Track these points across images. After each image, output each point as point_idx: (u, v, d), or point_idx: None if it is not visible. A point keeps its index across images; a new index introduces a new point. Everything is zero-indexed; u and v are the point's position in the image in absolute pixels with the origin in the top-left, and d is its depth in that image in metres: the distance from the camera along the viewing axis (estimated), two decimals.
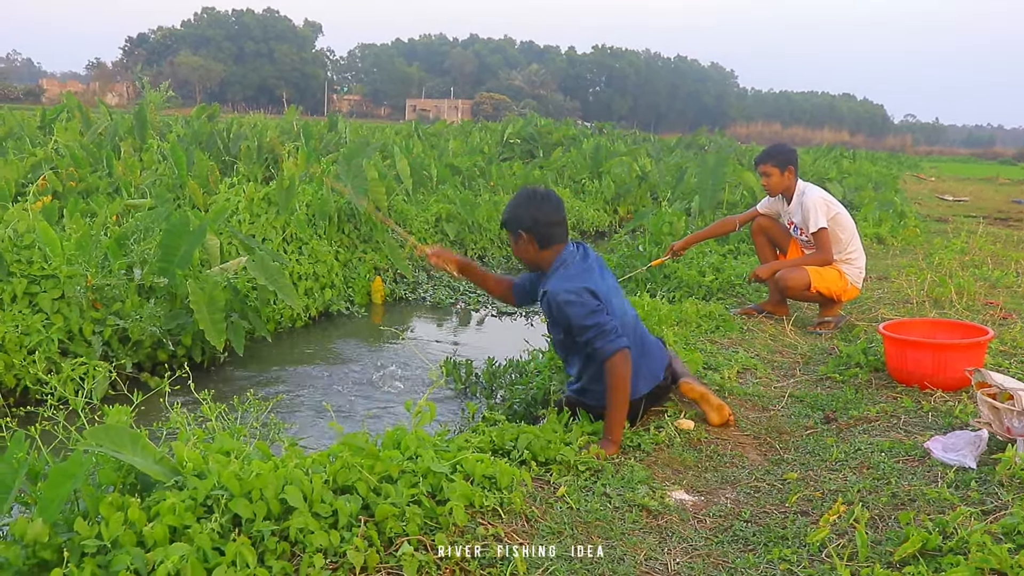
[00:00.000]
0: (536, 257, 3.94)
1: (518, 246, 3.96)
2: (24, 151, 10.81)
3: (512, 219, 3.92)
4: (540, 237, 3.88)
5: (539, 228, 3.86)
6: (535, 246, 3.90)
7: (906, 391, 4.48)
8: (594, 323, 3.71)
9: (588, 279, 3.82)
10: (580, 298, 3.72)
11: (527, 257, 3.98)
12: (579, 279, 3.80)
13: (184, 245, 6.12)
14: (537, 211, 3.87)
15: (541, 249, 3.91)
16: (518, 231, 3.90)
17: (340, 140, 15.14)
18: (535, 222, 3.86)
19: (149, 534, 2.37)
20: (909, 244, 10.69)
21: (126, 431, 2.62)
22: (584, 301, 3.72)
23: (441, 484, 2.85)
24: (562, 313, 3.77)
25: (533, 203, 3.90)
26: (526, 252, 3.95)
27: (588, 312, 3.72)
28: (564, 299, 3.74)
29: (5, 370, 5.18)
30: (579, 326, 3.74)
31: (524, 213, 3.88)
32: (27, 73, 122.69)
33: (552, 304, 3.81)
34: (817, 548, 2.80)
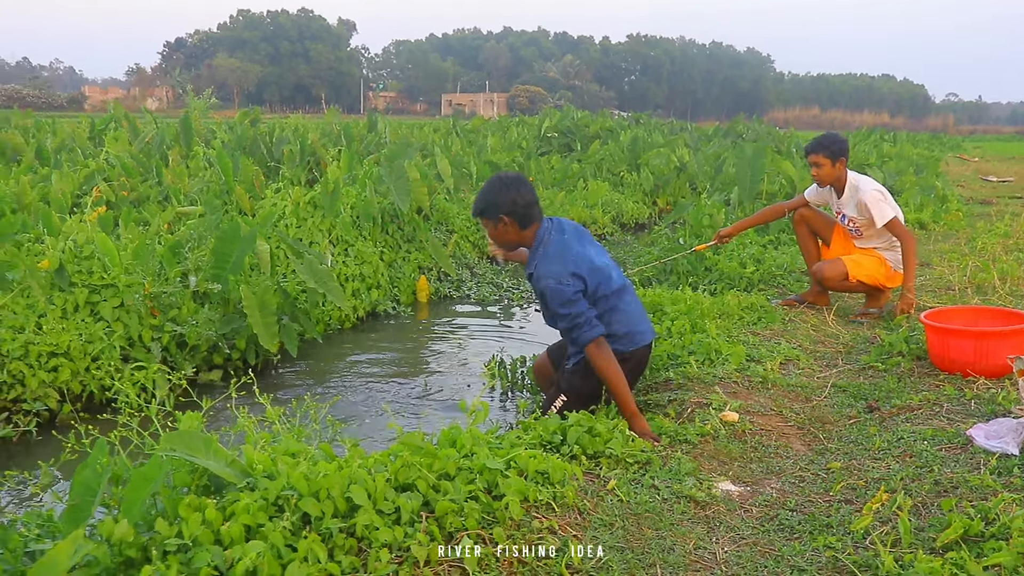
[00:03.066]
0: (518, 238, 4.15)
1: (498, 231, 4.13)
2: (77, 163, 11.12)
3: (491, 206, 4.08)
4: (520, 218, 4.07)
5: (519, 210, 4.05)
6: (516, 228, 4.09)
7: (948, 379, 4.54)
8: (567, 313, 3.95)
9: (570, 258, 4.02)
10: (560, 284, 3.95)
11: (508, 239, 4.17)
12: (561, 260, 4.01)
13: (236, 251, 6.31)
14: (515, 194, 4.05)
15: (523, 230, 4.11)
16: (499, 216, 4.06)
17: (381, 140, 15.34)
18: (515, 204, 4.04)
19: (226, 533, 2.52)
20: (951, 229, 10.65)
21: (199, 436, 2.78)
22: (563, 288, 3.94)
23: (496, 480, 2.98)
24: (544, 297, 4.04)
25: (510, 187, 4.08)
26: (506, 235, 4.13)
27: (564, 301, 3.94)
28: (544, 284, 3.99)
29: (72, 377, 5.38)
30: (556, 314, 4.01)
31: (503, 198, 4.05)
32: (69, 81, 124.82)
33: (536, 286, 4.08)
34: (861, 535, 2.90)
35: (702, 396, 4.37)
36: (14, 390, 5.17)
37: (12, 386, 5.17)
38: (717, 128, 24.61)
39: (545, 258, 4.04)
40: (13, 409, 5.14)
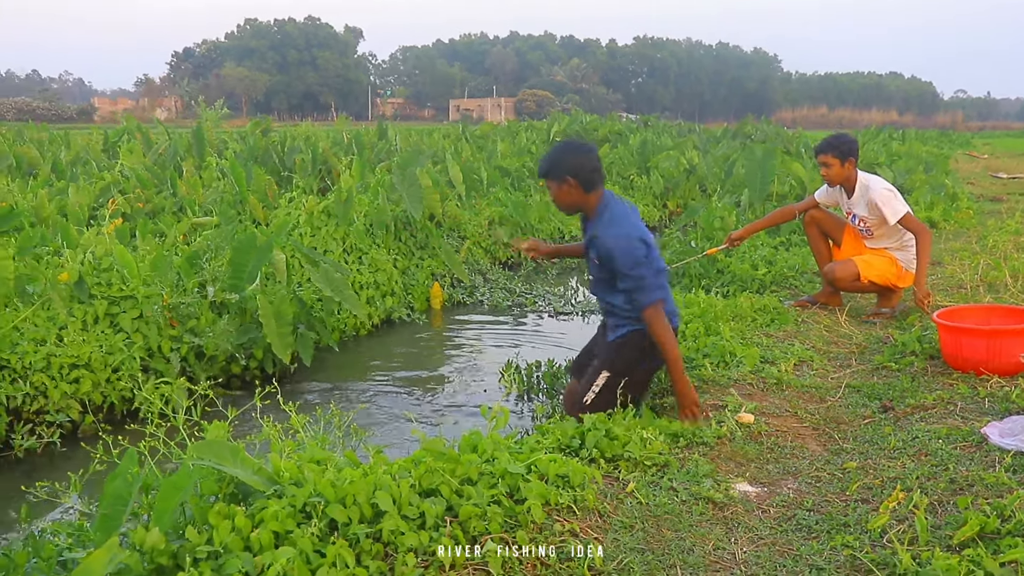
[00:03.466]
0: (581, 200, 4.23)
1: (561, 191, 4.21)
2: (92, 175, 11.23)
3: (556, 166, 4.18)
4: (585, 182, 4.17)
5: (584, 173, 4.16)
6: (580, 190, 4.18)
7: (962, 378, 4.57)
8: (637, 274, 4.06)
9: (635, 224, 4.16)
10: (630, 245, 4.07)
11: (570, 201, 4.25)
12: (628, 225, 4.13)
13: (252, 261, 6.38)
14: (583, 158, 4.18)
15: (586, 193, 4.20)
16: (564, 177, 4.16)
17: (391, 148, 15.43)
18: (581, 167, 4.15)
19: (256, 539, 2.58)
20: (962, 227, 10.66)
21: (226, 445, 2.84)
22: (633, 249, 4.06)
23: (518, 484, 3.03)
24: (612, 257, 4.10)
25: (577, 151, 4.23)
26: (569, 196, 4.22)
27: (634, 262, 4.06)
28: (614, 244, 4.08)
29: (93, 388, 5.45)
30: (623, 274, 4.09)
31: (570, 160, 4.17)
32: (79, 93, 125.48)
33: (602, 247, 4.14)
34: (878, 534, 2.94)
35: (717, 398, 4.42)
36: (37, 402, 5.24)
37: (35, 398, 5.24)
38: (726, 129, 24.63)
39: (612, 221, 4.15)
40: (36, 421, 5.22)
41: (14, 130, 19.10)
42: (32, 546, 2.98)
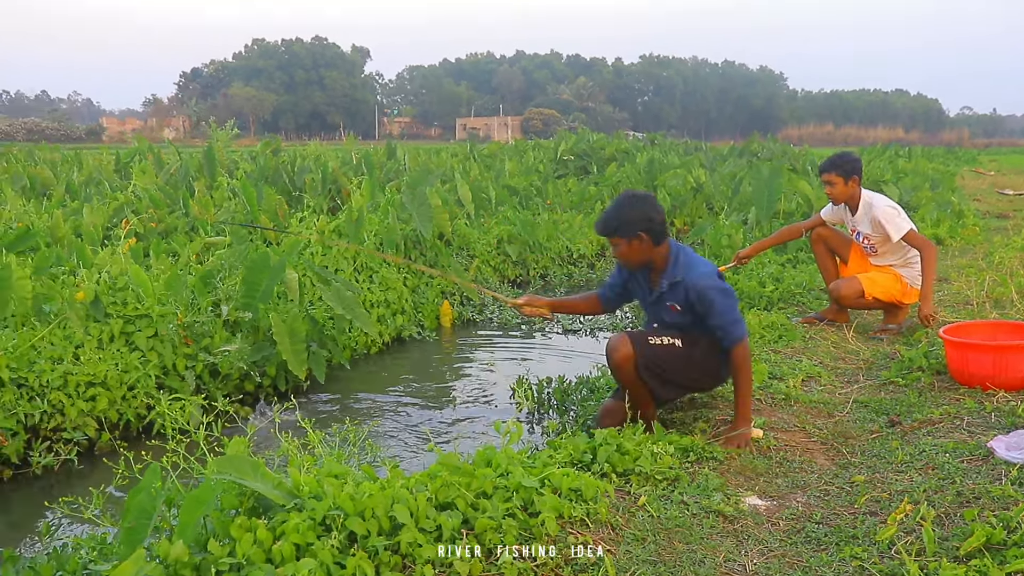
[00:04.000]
0: (651, 254, 4.16)
1: (632, 248, 4.12)
2: (105, 196, 11.36)
3: (627, 223, 4.08)
4: (656, 235, 4.10)
5: (655, 226, 4.09)
6: (651, 244, 4.12)
7: (968, 392, 4.63)
8: (728, 310, 4.08)
9: (708, 262, 4.20)
10: (722, 285, 4.09)
11: (639, 258, 4.18)
12: (705, 264, 4.17)
13: (265, 280, 6.45)
14: (652, 210, 4.10)
15: (656, 246, 4.13)
16: (636, 233, 4.07)
17: (400, 167, 15.54)
18: (652, 221, 4.08)
19: (277, 551, 2.65)
20: (968, 244, 10.72)
21: (247, 460, 2.91)
22: (725, 288, 4.09)
23: (532, 498, 3.09)
24: (704, 300, 4.05)
25: (645, 204, 4.12)
26: (639, 252, 4.14)
27: (729, 299, 4.09)
28: (708, 284, 4.06)
29: (109, 406, 5.52)
30: (721, 314, 4.06)
31: (639, 215, 4.07)
32: (87, 113, 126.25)
33: (692, 291, 4.07)
34: (886, 545, 2.99)
35: (727, 413, 4.47)
36: (54, 419, 5.31)
37: (52, 415, 5.31)
38: (732, 147, 24.72)
39: (691, 264, 4.14)
40: (54, 438, 5.28)
41: (25, 150, 19.26)
42: (56, 559, 3.06)
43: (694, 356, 4.20)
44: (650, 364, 4.14)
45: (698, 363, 4.21)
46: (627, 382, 4.21)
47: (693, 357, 4.20)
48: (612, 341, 4.21)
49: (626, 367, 4.15)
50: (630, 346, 4.14)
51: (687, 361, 4.19)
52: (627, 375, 4.17)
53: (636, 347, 4.14)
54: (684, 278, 4.09)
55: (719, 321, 4.08)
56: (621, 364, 4.15)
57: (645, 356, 4.13)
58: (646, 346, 4.15)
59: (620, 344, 4.16)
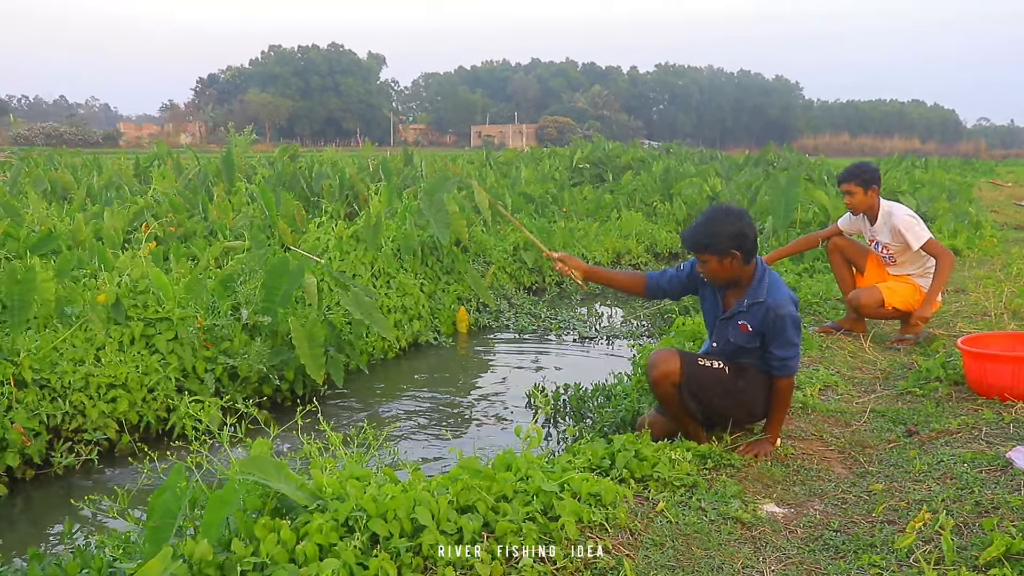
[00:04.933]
0: (740, 272, 4.01)
1: (723, 265, 3.97)
2: (125, 200, 11.46)
3: (720, 241, 3.90)
4: (747, 252, 3.94)
5: (748, 244, 3.93)
6: (741, 262, 3.96)
7: (986, 403, 4.62)
8: (795, 341, 4.00)
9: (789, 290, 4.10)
10: (798, 318, 4.01)
11: (728, 275, 4.02)
12: (785, 288, 4.05)
13: (284, 285, 6.50)
14: (746, 227, 3.93)
15: (746, 264, 3.98)
16: (729, 251, 3.91)
17: (416, 174, 15.61)
18: (745, 238, 3.91)
19: (300, 552, 2.68)
20: (986, 255, 10.70)
21: (271, 461, 2.94)
22: (800, 321, 4.03)
23: (552, 502, 3.12)
24: (778, 326, 3.95)
25: (740, 220, 3.95)
26: (729, 270, 3.98)
27: (798, 329, 4.01)
28: (786, 311, 3.95)
29: (129, 407, 5.57)
30: (787, 344, 3.98)
31: (733, 232, 3.90)
32: (104, 118, 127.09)
33: (771, 315, 3.94)
34: (905, 554, 3.00)
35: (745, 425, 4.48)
36: (75, 420, 5.36)
37: (74, 416, 5.36)
38: (748, 157, 24.71)
39: (775, 286, 3.99)
40: (75, 439, 5.33)
41: (45, 155, 19.43)
42: (81, 557, 3.10)
43: (737, 386, 4.11)
44: (692, 384, 4.05)
45: (737, 394, 4.12)
46: (662, 398, 4.14)
47: (736, 386, 4.11)
48: (658, 355, 4.11)
49: (664, 384, 4.06)
50: (677, 364, 4.03)
51: (728, 389, 4.10)
52: (664, 391, 4.09)
53: (684, 366, 4.03)
54: (767, 299, 3.95)
55: (782, 351, 3.98)
56: (659, 380, 4.06)
57: (689, 375, 4.03)
58: (694, 366, 4.07)
59: (664, 361, 4.07)
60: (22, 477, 5.03)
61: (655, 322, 9.00)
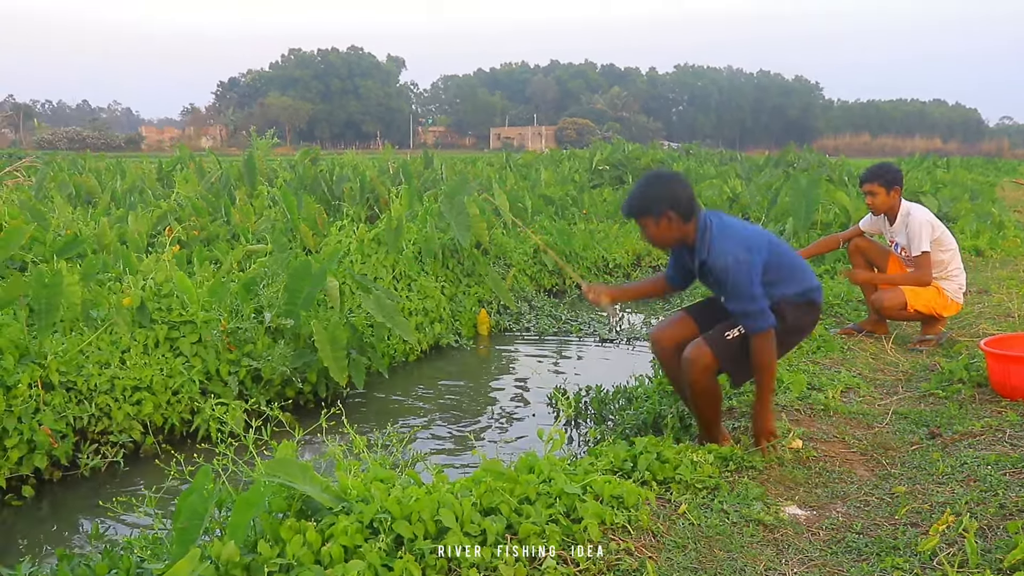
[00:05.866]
0: (681, 232, 4.01)
1: (659, 228, 3.99)
2: (149, 204, 11.57)
3: (654, 202, 3.96)
4: (684, 211, 3.95)
5: (683, 204, 3.94)
6: (680, 221, 3.97)
7: (1010, 405, 4.61)
8: (745, 292, 3.88)
9: (740, 236, 3.96)
10: (738, 261, 3.87)
11: (670, 236, 4.03)
12: (733, 239, 3.92)
13: (307, 288, 6.54)
14: (678, 187, 3.97)
15: (686, 223, 3.98)
16: (663, 212, 3.94)
17: (437, 177, 15.66)
18: (678, 198, 3.94)
19: (326, 553, 2.71)
20: (1009, 255, 10.63)
21: (296, 463, 2.97)
22: (740, 266, 3.87)
23: (575, 504, 3.14)
24: (722, 279, 3.91)
25: (671, 182, 4.01)
26: (668, 231, 4.00)
27: (743, 279, 3.87)
28: (724, 261, 3.87)
29: (154, 410, 5.63)
30: (737, 294, 3.90)
31: (665, 193, 3.95)
32: (127, 122, 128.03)
33: (716, 270, 3.92)
34: (928, 556, 3.00)
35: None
36: (101, 422, 5.42)
37: (99, 419, 5.42)
38: (768, 158, 24.63)
39: (718, 238, 3.94)
40: (101, 441, 5.40)
41: (68, 159, 19.61)
42: (109, 558, 3.14)
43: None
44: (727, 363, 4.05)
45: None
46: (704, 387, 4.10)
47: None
48: (690, 352, 4.06)
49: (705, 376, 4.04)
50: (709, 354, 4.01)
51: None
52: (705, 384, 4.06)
53: (715, 351, 4.01)
54: (708, 257, 3.95)
55: (734, 304, 3.95)
56: (699, 376, 4.04)
57: (721, 357, 4.01)
58: (723, 344, 4.02)
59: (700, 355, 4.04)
60: (49, 478, 5.10)
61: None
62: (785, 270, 4.07)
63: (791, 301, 4.08)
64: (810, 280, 4.16)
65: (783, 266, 4.06)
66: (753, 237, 4.00)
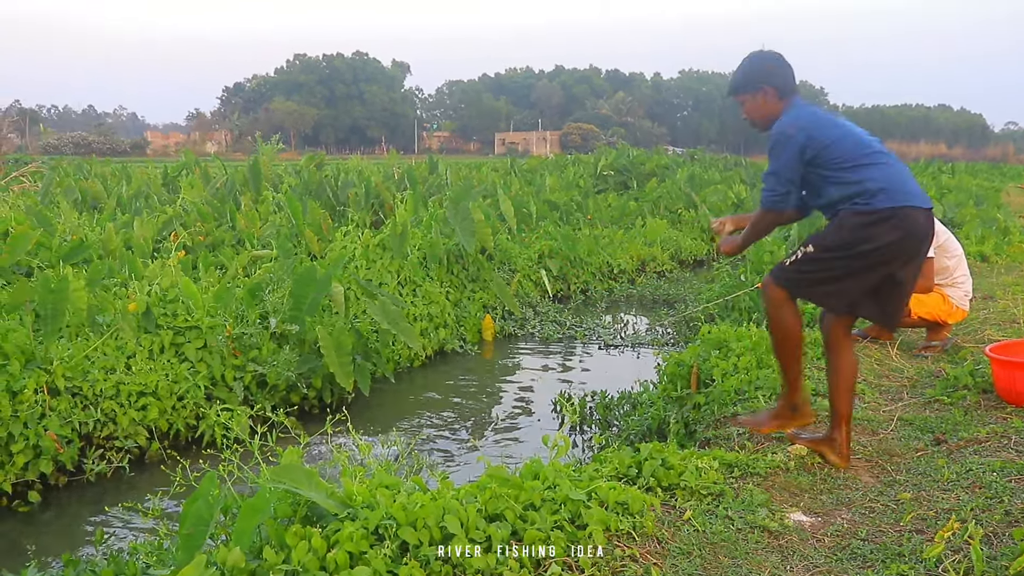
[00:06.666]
0: (775, 109, 3.96)
1: (756, 103, 3.99)
2: (154, 209, 11.60)
3: (752, 78, 3.98)
4: (780, 88, 3.94)
5: (778, 79, 3.94)
6: (776, 97, 3.95)
7: (1016, 412, 4.59)
8: (771, 162, 3.84)
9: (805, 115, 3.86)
10: (780, 131, 3.82)
11: (765, 113, 4.00)
12: (795, 116, 3.86)
13: (312, 293, 6.56)
14: (775, 65, 3.98)
15: (781, 99, 3.95)
16: (760, 86, 3.95)
17: (442, 182, 15.69)
18: (773, 73, 3.95)
19: (331, 559, 2.71)
20: (1014, 261, 10.60)
21: (302, 469, 2.98)
22: (778, 136, 3.81)
23: (579, 510, 3.14)
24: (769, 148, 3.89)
25: (769, 59, 4.01)
26: (764, 108, 3.98)
27: (773, 146, 3.83)
28: (776, 132, 3.84)
29: (159, 415, 5.64)
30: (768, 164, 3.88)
31: (762, 68, 3.97)
32: (132, 127, 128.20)
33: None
34: (933, 564, 2.99)
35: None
36: (107, 428, 5.44)
37: (105, 424, 5.44)
38: None
39: (784, 114, 3.91)
40: (107, 446, 5.41)
41: (74, 164, 19.66)
42: (115, 563, 3.15)
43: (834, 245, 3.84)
44: (795, 290, 3.94)
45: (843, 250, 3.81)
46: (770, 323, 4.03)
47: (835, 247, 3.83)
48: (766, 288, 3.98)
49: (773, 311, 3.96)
50: (770, 282, 3.94)
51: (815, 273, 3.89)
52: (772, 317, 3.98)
53: (776, 278, 3.92)
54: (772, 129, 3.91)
55: (764, 174, 3.90)
56: (769, 312, 3.98)
57: (786, 281, 3.91)
58: (783, 269, 3.92)
59: (765, 284, 3.99)
60: (55, 484, 5.12)
61: (680, 330, 9.00)
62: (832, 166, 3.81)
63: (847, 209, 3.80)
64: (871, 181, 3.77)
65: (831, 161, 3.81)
66: (811, 119, 3.86)
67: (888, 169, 3.81)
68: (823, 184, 3.85)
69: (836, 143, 3.79)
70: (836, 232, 3.81)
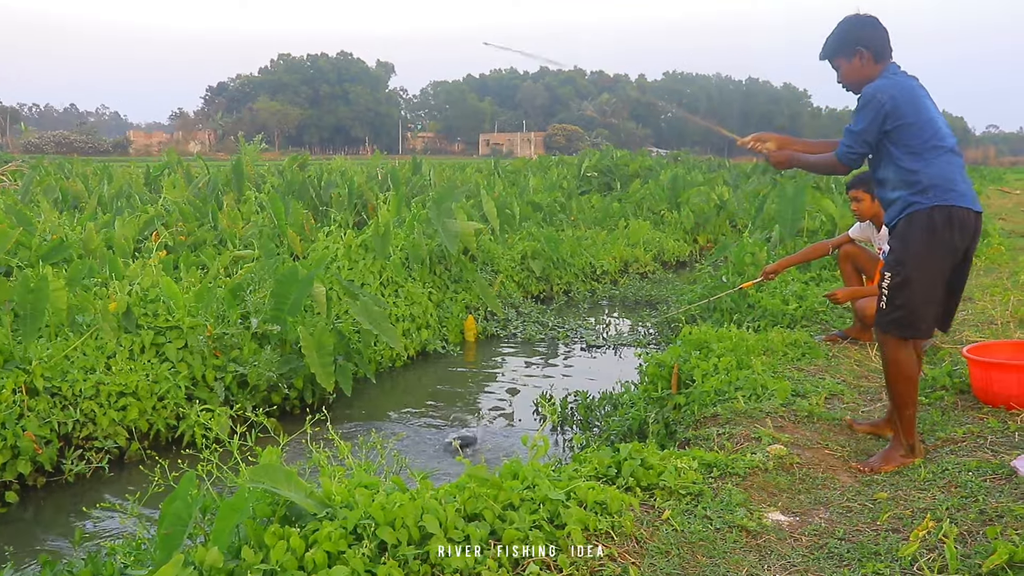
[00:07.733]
0: (872, 72, 3.95)
1: (852, 67, 3.98)
2: (136, 208, 11.55)
3: (848, 40, 3.96)
4: (876, 51, 3.93)
5: (874, 42, 3.92)
6: (872, 61, 3.94)
7: (992, 412, 4.62)
8: (855, 118, 3.89)
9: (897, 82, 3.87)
10: (870, 91, 3.83)
11: (862, 76, 3.98)
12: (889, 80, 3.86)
13: (294, 293, 6.55)
14: (872, 26, 3.95)
15: (877, 63, 3.95)
16: (856, 49, 3.93)
17: (425, 183, 15.68)
18: (871, 37, 3.93)
19: (310, 559, 2.71)
20: (993, 263, 10.66)
21: (281, 469, 2.97)
22: (865, 97, 3.84)
23: (558, 510, 3.15)
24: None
25: (865, 21, 3.98)
26: (860, 72, 3.96)
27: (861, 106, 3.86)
28: (864, 91, 3.87)
29: (139, 416, 5.62)
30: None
31: (859, 31, 3.94)
32: (114, 126, 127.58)
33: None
34: (908, 562, 3.02)
35: (750, 430, 4.50)
36: (86, 428, 5.41)
37: (84, 424, 5.42)
38: (755, 165, 24.71)
39: (881, 77, 3.91)
40: (86, 446, 5.39)
41: (55, 163, 19.54)
42: (92, 564, 3.14)
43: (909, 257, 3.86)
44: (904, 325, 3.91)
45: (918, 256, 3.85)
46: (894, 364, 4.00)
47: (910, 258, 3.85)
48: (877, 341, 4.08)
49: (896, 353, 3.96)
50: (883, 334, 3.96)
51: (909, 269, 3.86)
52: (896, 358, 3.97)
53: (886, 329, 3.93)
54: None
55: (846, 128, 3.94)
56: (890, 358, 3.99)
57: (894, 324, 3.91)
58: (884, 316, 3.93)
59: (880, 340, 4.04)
60: (34, 484, 5.09)
61: (662, 331, 9.02)
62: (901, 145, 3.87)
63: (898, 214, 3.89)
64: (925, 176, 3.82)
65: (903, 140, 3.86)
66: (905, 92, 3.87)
67: (947, 167, 3.84)
68: (885, 159, 3.93)
69: (915, 125, 3.83)
70: (901, 244, 3.86)
